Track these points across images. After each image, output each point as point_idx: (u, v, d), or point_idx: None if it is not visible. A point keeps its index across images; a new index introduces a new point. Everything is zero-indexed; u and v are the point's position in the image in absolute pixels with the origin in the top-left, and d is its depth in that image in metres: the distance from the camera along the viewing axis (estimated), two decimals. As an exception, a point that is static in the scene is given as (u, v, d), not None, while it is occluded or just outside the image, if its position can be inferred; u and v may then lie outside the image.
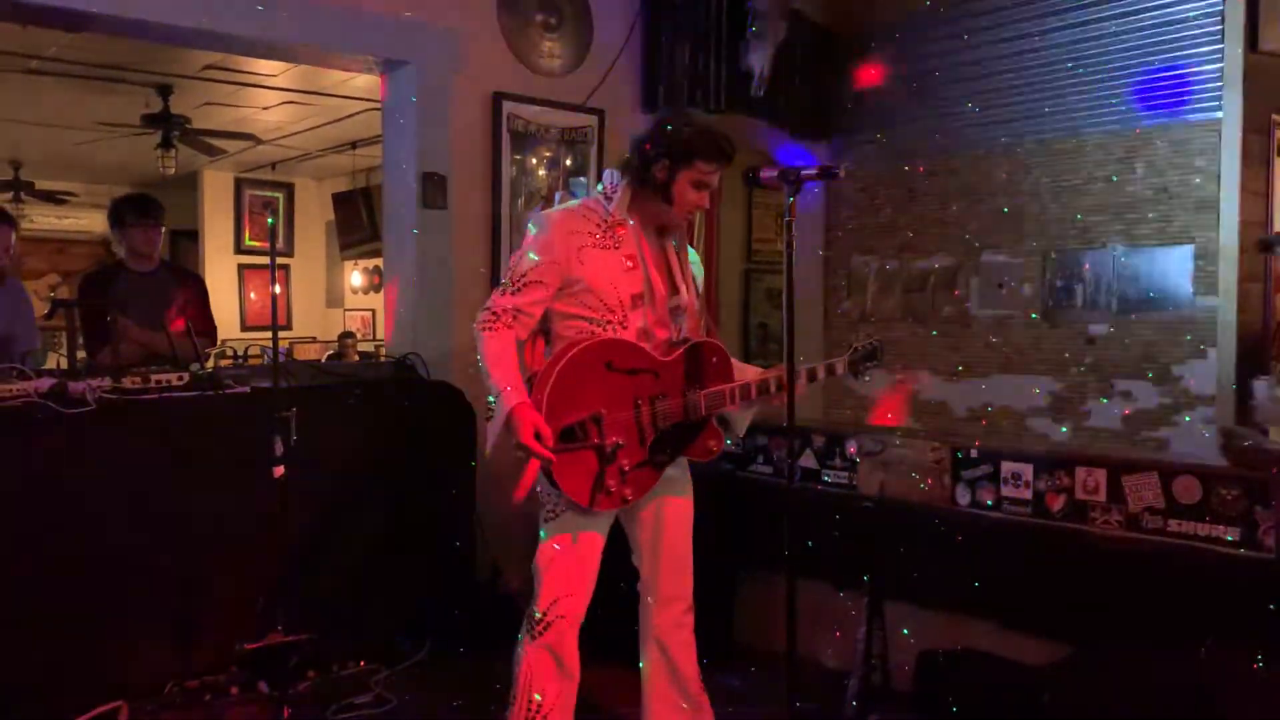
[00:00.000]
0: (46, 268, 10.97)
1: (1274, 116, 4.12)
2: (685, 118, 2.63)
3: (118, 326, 3.84)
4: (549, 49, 4.63)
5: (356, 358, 9.03)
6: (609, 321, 2.56)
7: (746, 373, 2.70)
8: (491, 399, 2.47)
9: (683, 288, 2.65)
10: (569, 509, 2.57)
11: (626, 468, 2.53)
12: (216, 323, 4.68)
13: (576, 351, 2.50)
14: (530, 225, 2.61)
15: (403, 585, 3.81)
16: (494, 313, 2.52)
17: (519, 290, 2.52)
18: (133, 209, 4.30)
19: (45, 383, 3.16)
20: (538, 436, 2.39)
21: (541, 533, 2.63)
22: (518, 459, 2.46)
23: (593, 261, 2.54)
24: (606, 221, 2.58)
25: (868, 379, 2.84)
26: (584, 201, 2.65)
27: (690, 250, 2.78)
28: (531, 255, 2.54)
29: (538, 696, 2.60)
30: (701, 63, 4.95)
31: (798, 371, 2.54)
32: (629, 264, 2.57)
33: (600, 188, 2.65)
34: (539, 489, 2.60)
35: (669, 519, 2.71)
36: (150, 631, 3.27)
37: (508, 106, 4.47)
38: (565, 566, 2.59)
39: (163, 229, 4.38)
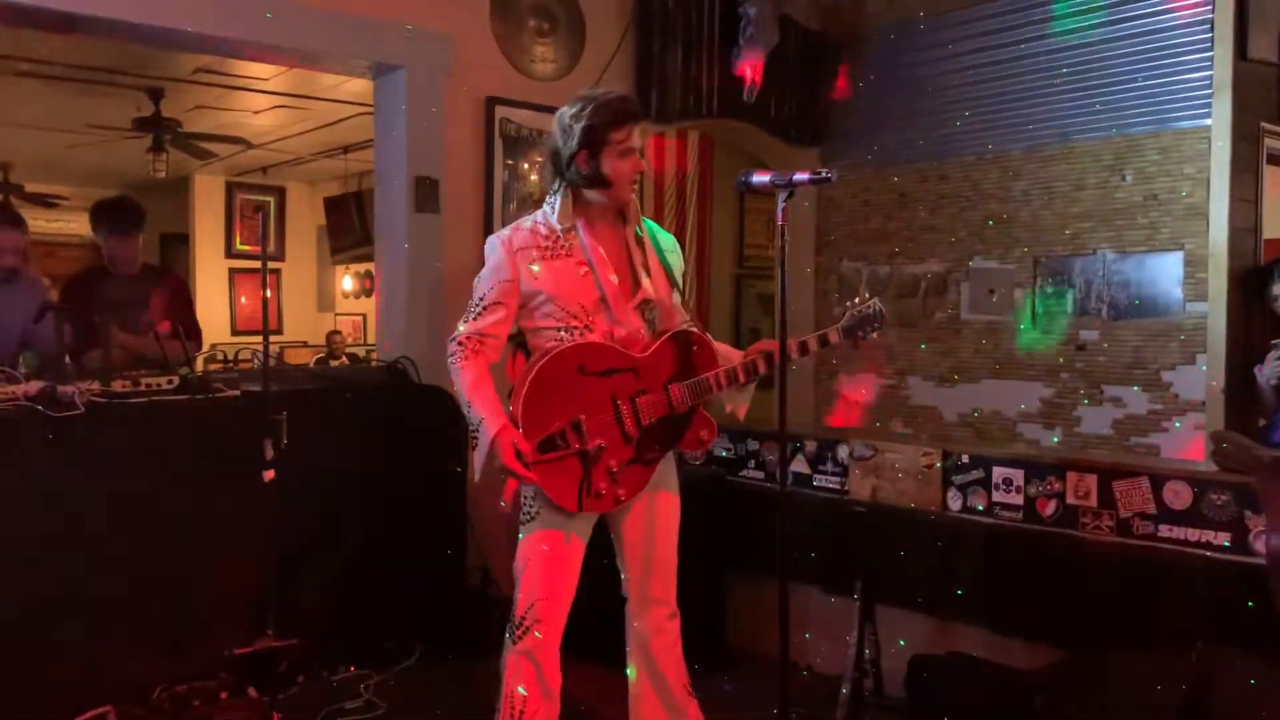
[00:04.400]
0: (36, 271, 10.93)
1: (1263, 124, 4.14)
2: (575, 105, 2.56)
3: (105, 331, 3.82)
4: (542, 53, 4.63)
5: (345, 359, 9.02)
6: (575, 327, 2.56)
7: (731, 358, 2.68)
8: (473, 429, 2.50)
9: (646, 280, 2.64)
10: (546, 511, 2.57)
11: (614, 468, 2.54)
12: (203, 326, 4.65)
13: (545, 362, 2.51)
14: (486, 253, 2.65)
15: (393, 590, 3.80)
16: (459, 343, 2.57)
17: (479, 315, 2.57)
18: (111, 216, 4.26)
19: (34, 386, 3.14)
20: (518, 455, 2.42)
21: (520, 535, 2.63)
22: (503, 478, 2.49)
23: (546, 273, 2.56)
24: (554, 231, 2.59)
25: (870, 339, 2.74)
26: (533, 217, 2.65)
27: (666, 236, 2.76)
28: (487, 279, 2.59)
29: (519, 702, 2.59)
30: (694, 68, 4.96)
31: (788, 347, 2.54)
32: (582, 269, 2.57)
33: (546, 203, 2.65)
34: (521, 492, 2.60)
35: (654, 522, 2.69)
36: (139, 636, 3.25)
37: (500, 111, 4.47)
38: (542, 570, 2.58)
39: (141, 236, 4.33)
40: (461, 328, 2.58)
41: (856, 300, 2.75)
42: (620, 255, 2.65)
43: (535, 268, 2.56)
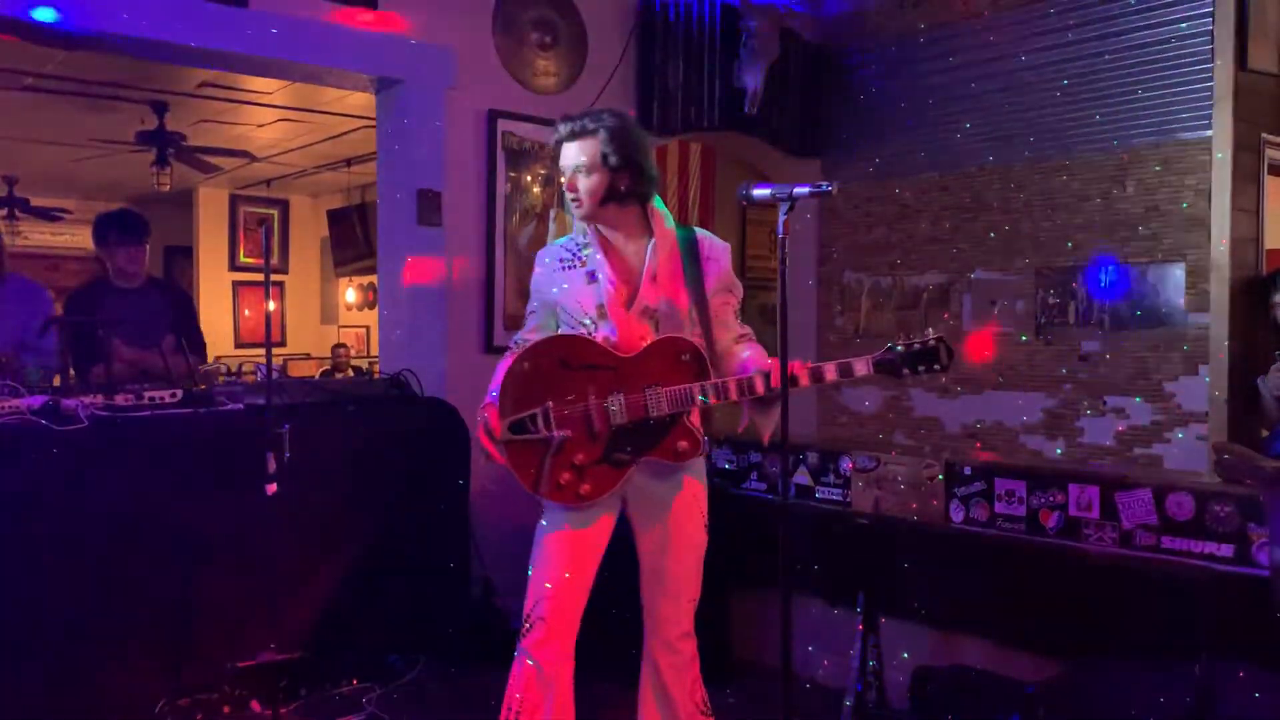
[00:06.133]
0: (40, 284, 10.97)
1: (1264, 135, 4.14)
2: None
3: (109, 345, 3.83)
4: (544, 67, 4.65)
5: (350, 371, 9.04)
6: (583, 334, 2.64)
7: (747, 371, 2.59)
8: None
9: (650, 290, 2.63)
10: (557, 511, 2.61)
11: (579, 463, 2.54)
12: (206, 338, 4.66)
13: (528, 348, 2.62)
14: None
15: (396, 603, 3.79)
16: (509, 348, 2.76)
17: (525, 323, 2.80)
18: (115, 228, 4.27)
19: (37, 400, 3.15)
20: (489, 433, 2.57)
21: (536, 536, 2.67)
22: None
23: (562, 283, 2.70)
24: (578, 244, 2.73)
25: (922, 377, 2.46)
26: (574, 233, 2.80)
27: (715, 244, 2.73)
28: (531, 290, 2.81)
29: (516, 702, 2.60)
30: (695, 80, 4.98)
31: (793, 375, 2.45)
32: (589, 280, 2.65)
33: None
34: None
35: (674, 546, 2.66)
36: (142, 649, 3.25)
37: (502, 124, 4.49)
38: (548, 567, 2.61)
39: (147, 247, 4.35)
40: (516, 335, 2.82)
41: (916, 336, 2.44)
42: (631, 264, 2.68)
43: (554, 277, 2.71)
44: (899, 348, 2.44)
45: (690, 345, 2.59)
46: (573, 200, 2.66)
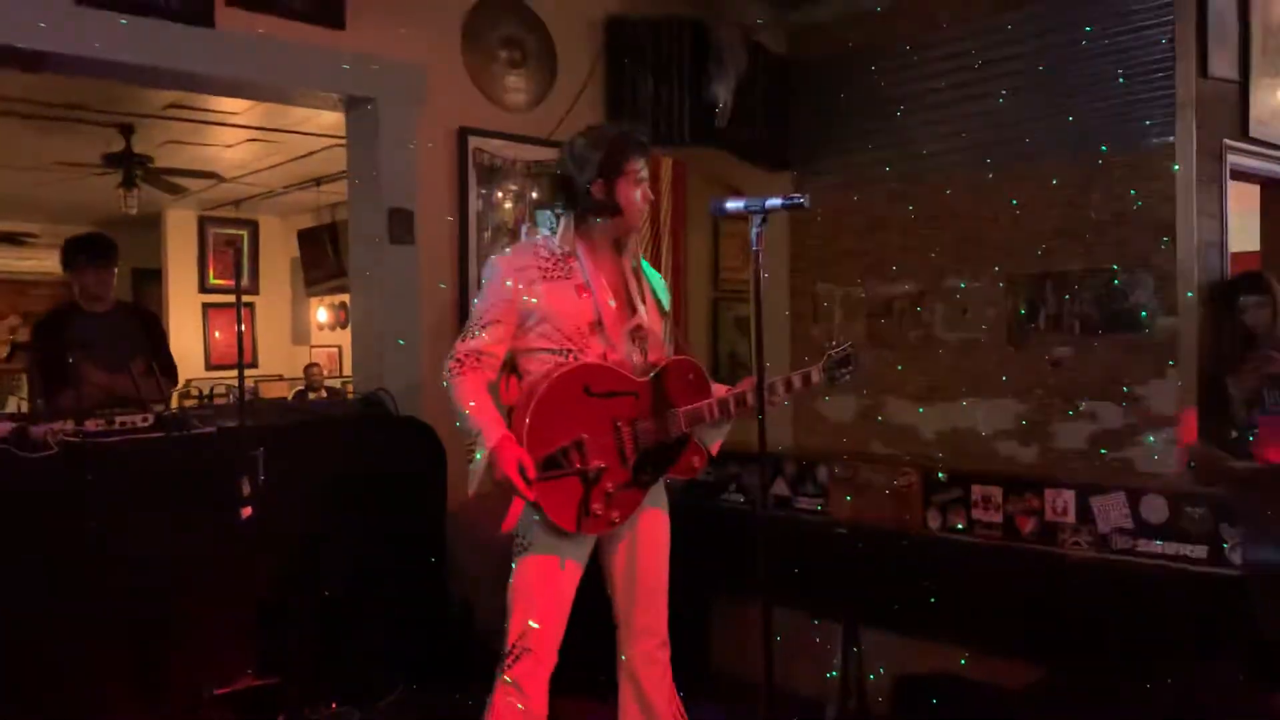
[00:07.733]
0: (6, 309, 10.83)
1: (1225, 140, 4.21)
2: (590, 136, 2.71)
3: (79, 370, 3.78)
4: (514, 84, 4.65)
5: (324, 392, 8.98)
6: (569, 350, 2.58)
7: (716, 391, 2.71)
8: (469, 442, 2.50)
9: (641, 309, 2.67)
10: (541, 538, 2.56)
11: (611, 490, 2.54)
12: (177, 361, 4.61)
13: (554, 379, 2.52)
14: (484, 273, 2.69)
15: (374, 625, 3.76)
16: (458, 359, 2.57)
17: (478, 333, 2.58)
18: (83, 250, 4.24)
19: (4, 427, 3.10)
20: (521, 470, 2.41)
21: (514, 563, 2.61)
22: (502, 493, 2.47)
23: (544, 293, 2.58)
24: (555, 254, 2.63)
25: (845, 381, 2.79)
26: (535, 240, 2.73)
27: (652, 271, 2.83)
28: (485, 297, 2.61)
29: None
30: (665, 95, 5.00)
31: (772, 384, 2.59)
32: (580, 292, 2.60)
33: (545, 227, 2.75)
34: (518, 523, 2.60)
35: (643, 549, 2.69)
36: (118, 677, 3.20)
37: (473, 141, 4.48)
38: (535, 597, 2.58)
39: (116, 269, 4.31)
40: (458, 345, 2.59)
41: (833, 342, 2.80)
42: (617, 282, 2.69)
43: (534, 287, 2.58)
44: (832, 356, 2.73)
45: (695, 365, 2.67)
46: (644, 213, 2.71)
